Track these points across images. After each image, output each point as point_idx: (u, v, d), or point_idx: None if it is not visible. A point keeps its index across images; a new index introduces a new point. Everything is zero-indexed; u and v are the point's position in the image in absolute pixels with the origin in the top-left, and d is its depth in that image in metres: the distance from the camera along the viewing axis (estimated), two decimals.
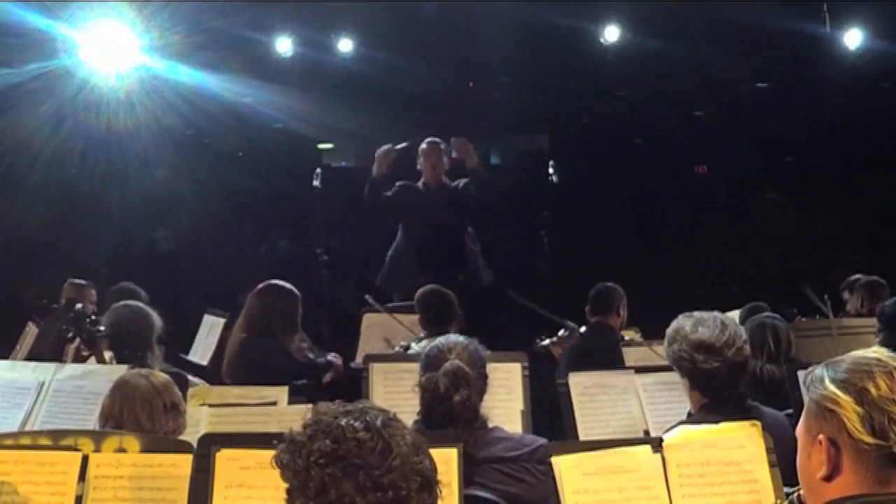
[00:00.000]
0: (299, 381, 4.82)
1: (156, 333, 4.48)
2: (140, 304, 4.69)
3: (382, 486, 1.86)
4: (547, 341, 6.01)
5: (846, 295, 6.65)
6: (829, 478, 1.92)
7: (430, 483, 1.93)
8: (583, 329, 5.90)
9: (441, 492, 1.97)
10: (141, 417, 3.02)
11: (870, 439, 1.88)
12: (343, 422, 1.91)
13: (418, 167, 7.20)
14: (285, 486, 1.93)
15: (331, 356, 5.50)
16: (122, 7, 7.73)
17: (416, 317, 5.43)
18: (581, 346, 5.45)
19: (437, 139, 7.20)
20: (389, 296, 6.59)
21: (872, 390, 1.90)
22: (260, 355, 4.97)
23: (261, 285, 5.24)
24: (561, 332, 5.99)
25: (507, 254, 10.59)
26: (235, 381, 4.79)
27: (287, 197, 10.86)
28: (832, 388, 1.93)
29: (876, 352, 1.99)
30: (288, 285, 5.24)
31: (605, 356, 4.74)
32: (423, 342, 4.90)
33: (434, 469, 1.96)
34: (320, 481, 1.85)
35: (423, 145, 7.19)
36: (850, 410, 1.90)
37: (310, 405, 3.05)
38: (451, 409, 3.05)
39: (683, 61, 9.75)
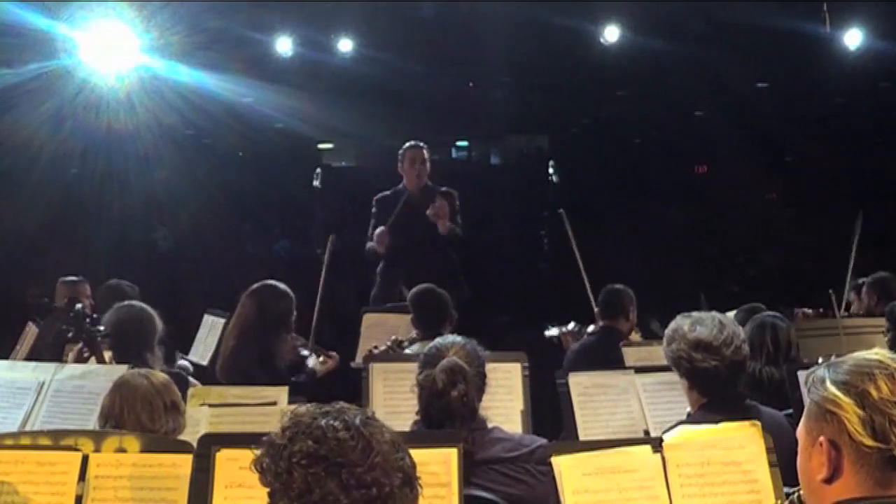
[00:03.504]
0: None
1: (157, 334, 4.49)
2: (142, 304, 4.70)
3: (365, 484, 1.88)
4: (555, 331, 6.01)
5: (852, 297, 6.65)
6: (829, 480, 1.92)
7: (410, 479, 1.96)
8: (591, 328, 5.89)
9: (422, 488, 1.99)
10: (141, 416, 3.03)
11: (870, 442, 1.88)
12: (322, 422, 1.92)
13: (399, 170, 6.99)
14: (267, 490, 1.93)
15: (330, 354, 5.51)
16: (122, 7, 7.72)
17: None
18: (587, 350, 5.40)
19: (420, 143, 7.02)
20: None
21: (873, 392, 1.90)
22: (247, 366, 4.92)
23: (254, 285, 5.20)
24: (570, 325, 6.00)
25: (507, 254, 10.59)
26: (229, 383, 4.78)
27: (287, 197, 10.85)
28: (833, 389, 1.93)
29: (878, 353, 1.98)
30: (282, 285, 5.20)
31: (610, 363, 4.70)
32: (416, 345, 4.90)
33: (413, 465, 1.99)
34: (303, 482, 1.87)
35: (408, 150, 6.96)
36: (850, 413, 1.89)
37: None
38: (448, 404, 3.05)
39: (683, 61, 9.74)
